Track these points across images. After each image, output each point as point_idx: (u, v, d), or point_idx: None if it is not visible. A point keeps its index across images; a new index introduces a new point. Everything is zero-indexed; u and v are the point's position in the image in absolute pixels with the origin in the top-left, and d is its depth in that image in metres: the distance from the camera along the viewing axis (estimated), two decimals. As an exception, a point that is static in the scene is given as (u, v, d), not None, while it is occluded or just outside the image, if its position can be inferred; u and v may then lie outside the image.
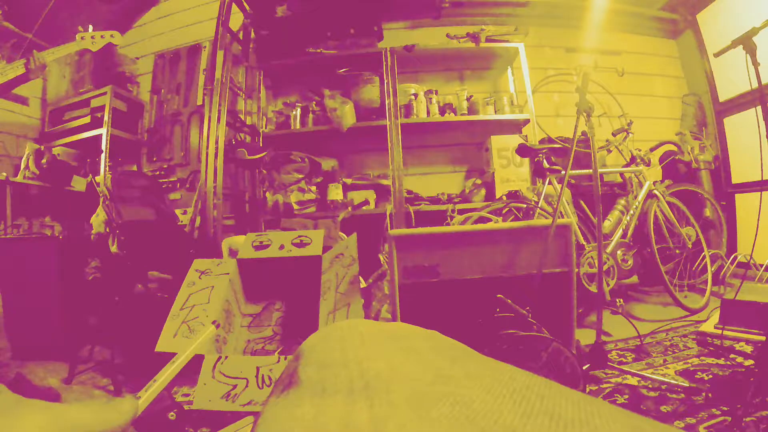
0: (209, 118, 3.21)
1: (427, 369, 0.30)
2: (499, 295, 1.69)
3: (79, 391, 2.19)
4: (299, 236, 2.27)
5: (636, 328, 2.34)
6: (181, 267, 2.35)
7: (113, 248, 2.75)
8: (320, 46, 3.75)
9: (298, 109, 3.70)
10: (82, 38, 2.12)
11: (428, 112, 3.62)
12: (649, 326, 2.61)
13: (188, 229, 3.07)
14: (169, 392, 2.03)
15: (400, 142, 3.44)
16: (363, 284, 2.34)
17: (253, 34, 3.94)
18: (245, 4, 3.80)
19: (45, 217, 3.54)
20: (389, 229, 2.24)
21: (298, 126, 3.67)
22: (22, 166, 3.74)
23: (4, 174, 3.44)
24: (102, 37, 2.21)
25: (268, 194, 3.44)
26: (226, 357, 1.83)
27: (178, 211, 3.37)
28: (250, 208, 3.64)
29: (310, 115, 3.68)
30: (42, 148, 3.78)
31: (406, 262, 1.83)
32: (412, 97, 3.63)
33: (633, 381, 1.91)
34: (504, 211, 2.83)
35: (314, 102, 3.72)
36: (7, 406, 0.29)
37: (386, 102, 3.51)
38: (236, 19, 3.78)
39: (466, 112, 3.67)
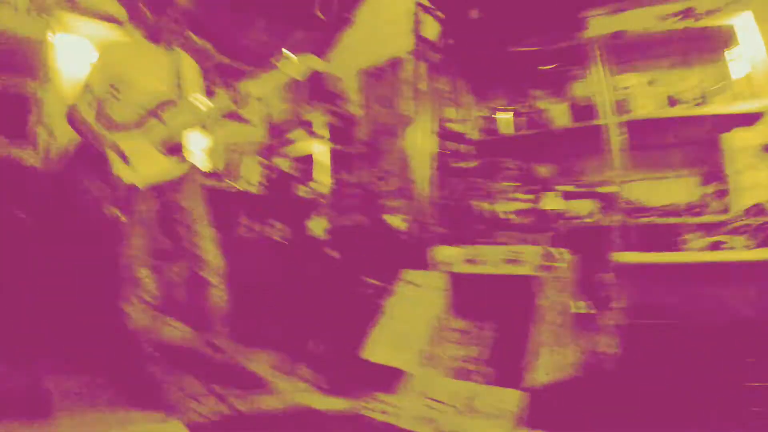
0: (417, 128, 3.38)
1: None
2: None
3: (290, 382, 2.41)
4: (513, 252, 2.17)
5: None
6: (393, 274, 2.53)
7: (331, 251, 3.08)
8: (520, 45, 3.66)
9: (506, 113, 3.63)
10: (282, 66, 2.34)
11: (648, 107, 3.24)
12: None
13: (401, 237, 3.26)
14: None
15: (619, 144, 3.15)
16: (581, 309, 2.21)
17: (450, 41, 4.02)
18: (438, 12, 3.89)
19: (271, 222, 4.11)
20: (612, 247, 2.07)
21: (506, 131, 3.60)
22: (251, 177, 4.41)
23: (235, 186, 4.10)
24: (301, 62, 2.41)
25: (479, 203, 3.47)
26: (432, 378, 1.89)
27: (392, 218, 3.57)
28: (461, 217, 3.67)
29: (520, 119, 3.58)
30: (267, 162, 4.43)
31: (633, 296, 1.64)
32: (629, 90, 3.27)
33: None
34: (754, 228, 2.40)
35: (521, 104, 3.63)
36: None
37: (599, 98, 3.27)
38: (432, 29, 3.90)
39: (694, 104, 3.19)
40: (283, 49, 2.36)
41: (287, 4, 4.27)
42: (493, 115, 3.70)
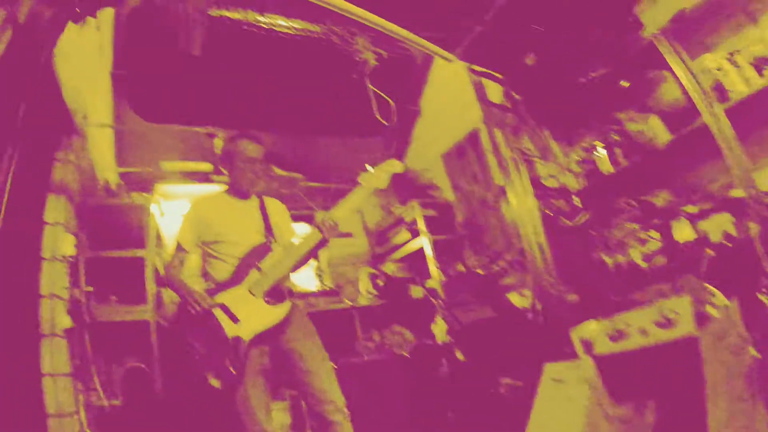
0: (514, 195, 3.28)
1: None
2: None
3: None
4: (660, 312, 1.88)
5: None
6: (531, 366, 2.29)
7: (459, 355, 2.90)
8: (587, 71, 3.44)
9: (600, 149, 3.34)
10: (365, 180, 2.36)
11: (740, 83, 2.72)
12: None
13: (530, 316, 3.01)
14: None
15: (729, 137, 2.67)
16: (755, 354, 1.79)
17: (516, 96, 3.92)
18: (494, 73, 3.81)
19: (392, 327, 4.08)
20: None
21: (606, 168, 3.30)
22: (362, 289, 4.48)
23: (349, 302, 4.18)
24: (382, 171, 2.43)
25: (604, 258, 3.15)
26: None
27: (515, 297, 3.39)
28: (589, 278, 3.34)
29: (615, 150, 3.28)
30: (375, 271, 4.49)
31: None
32: (716, 71, 2.82)
33: None
34: None
35: (611, 134, 3.32)
36: None
37: (689, 95, 2.83)
38: (496, 90, 3.82)
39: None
40: (366, 165, 2.41)
41: (352, 119, 4.48)
42: (587, 157, 3.43)
